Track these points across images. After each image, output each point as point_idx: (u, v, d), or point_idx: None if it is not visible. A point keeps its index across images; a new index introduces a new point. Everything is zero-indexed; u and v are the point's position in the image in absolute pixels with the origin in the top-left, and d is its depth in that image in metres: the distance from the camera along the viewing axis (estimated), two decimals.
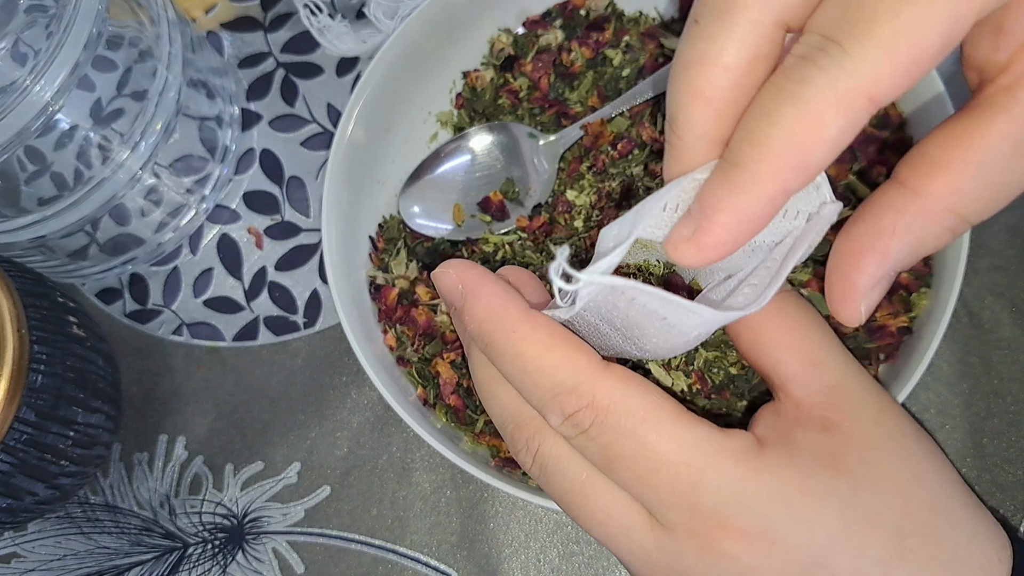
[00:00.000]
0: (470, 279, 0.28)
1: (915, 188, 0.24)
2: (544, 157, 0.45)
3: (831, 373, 0.28)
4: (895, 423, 0.29)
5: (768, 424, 0.28)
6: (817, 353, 0.28)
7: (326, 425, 0.47)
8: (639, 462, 0.26)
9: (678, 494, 0.26)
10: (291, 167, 0.52)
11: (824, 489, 0.26)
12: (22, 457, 0.39)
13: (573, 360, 0.26)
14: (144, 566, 0.46)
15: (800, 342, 0.28)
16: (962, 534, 0.27)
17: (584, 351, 0.27)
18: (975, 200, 0.24)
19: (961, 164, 0.24)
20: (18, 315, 0.38)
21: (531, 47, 0.47)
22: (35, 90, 0.38)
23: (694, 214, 0.23)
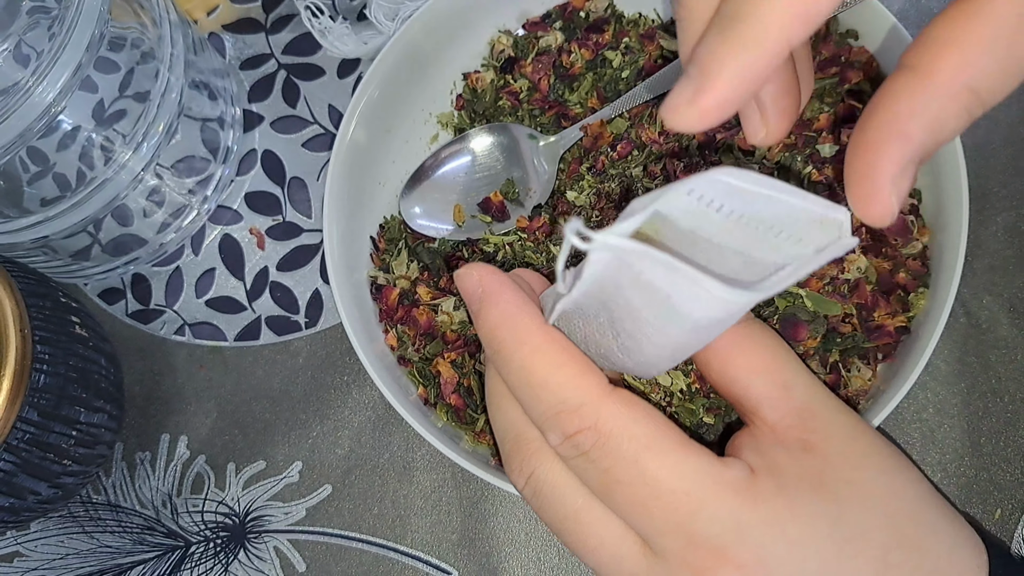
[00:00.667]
0: (490, 284, 0.28)
1: (926, 70, 0.23)
2: (544, 158, 0.45)
3: (800, 395, 0.28)
4: (867, 440, 0.29)
5: (751, 449, 0.28)
6: (786, 375, 0.28)
7: (327, 424, 0.47)
8: (638, 488, 0.26)
9: (674, 524, 0.26)
10: (293, 168, 0.52)
11: (813, 512, 0.26)
12: (25, 456, 0.39)
13: (580, 380, 0.26)
14: (146, 565, 0.47)
15: (769, 366, 0.28)
16: (942, 544, 0.27)
17: (592, 372, 0.27)
18: (988, 75, 0.23)
19: (969, 40, 0.22)
20: (21, 315, 0.38)
21: (531, 49, 0.47)
22: (38, 91, 0.39)
23: (693, 75, 0.22)
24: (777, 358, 0.29)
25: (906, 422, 0.42)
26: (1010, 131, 0.46)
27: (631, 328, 0.26)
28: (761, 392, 0.28)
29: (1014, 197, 0.45)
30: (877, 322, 0.39)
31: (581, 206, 0.43)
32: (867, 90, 0.42)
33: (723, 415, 0.39)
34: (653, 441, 0.26)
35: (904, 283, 0.40)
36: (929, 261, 0.40)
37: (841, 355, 0.40)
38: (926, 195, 0.41)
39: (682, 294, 0.23)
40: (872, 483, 0.27)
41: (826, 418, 0.28)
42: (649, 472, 0.25)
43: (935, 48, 0.23)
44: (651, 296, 0.23)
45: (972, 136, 0.45)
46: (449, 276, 0.44)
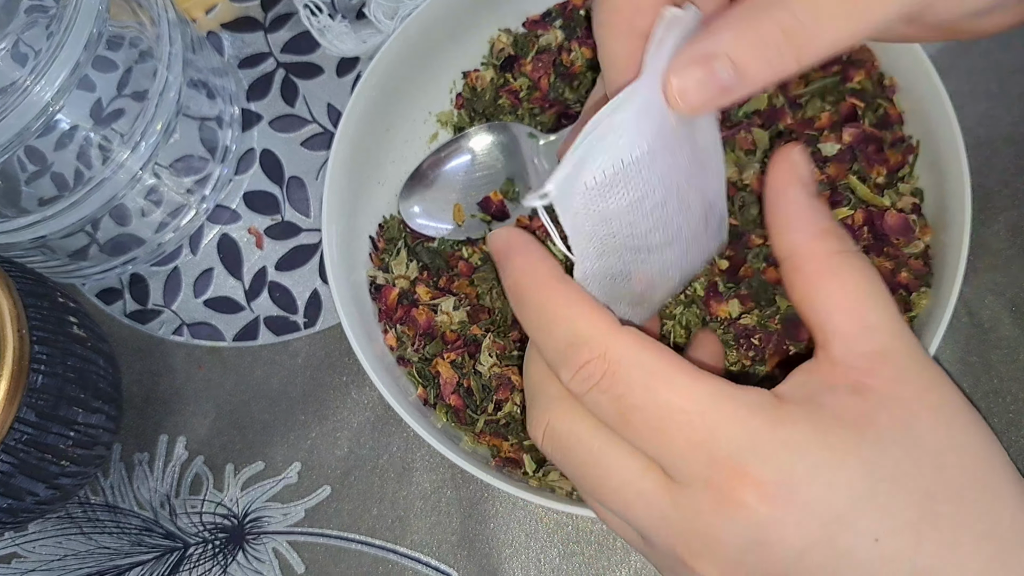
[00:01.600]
0: (516, 239, 0.29)
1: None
2: (544, 157, 0.45)
3: (880, 339, 0.26)
4: (943, 395, 0.26)
5: (795, 383, 0.27)
6: (873, 316, 0.26)
7: (326, 425, 0.47)
8: (652, 411, 0.25)
9: (694, 444, 0.25)
10: (291, 167, 0.52)
11: (846, 447, 0.24)
12: (23, 457, 0.39)
13: (591, 315, 0.26)
14: (144, 566, 0.46)
15: (856, 302, 0.26)
16: (1006, 510, 0.25)
17: (602, 311, 0.27)
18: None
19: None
20: (19, 315, 0.38)
21: (531, 47, 0.47)
22: (35, 90, 0.38)
23: (725, 70, 0.24)
24: (870, 296, 0.26)
25: None
26: (1013, 130, 0.45)
27: (634, 221, 0.27)
28: (839, 327, 0.26)
29: (1017, 196, 0.44)
30: None
31: None
32: (869, 89, 0.42)
33: None
34: (662, 368, 0.25)
35: (906, 283, 0.40)
36: (931, 260, 0.40)
37: None
38: (928, 194, 0.41)
39: (645, 130, 0.24)
40: (932, 433, 0.25)
41: (900, 366, 0.26)
42: (661, 394, 0.25)
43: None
44: (614, 182, 0.25)
45: (975, 135, 0.45)
46: (449, 276, 0.44)
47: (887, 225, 0.40)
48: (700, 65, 0.24)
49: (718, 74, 0.24)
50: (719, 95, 0.24)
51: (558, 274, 0.28)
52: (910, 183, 0.41)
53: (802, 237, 0.26)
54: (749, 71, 0.23)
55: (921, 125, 0.41)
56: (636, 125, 0.24)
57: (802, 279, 0.27)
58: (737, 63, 0.23)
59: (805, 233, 0.26)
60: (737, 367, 0.39)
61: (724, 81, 0.24)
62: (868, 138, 0.41)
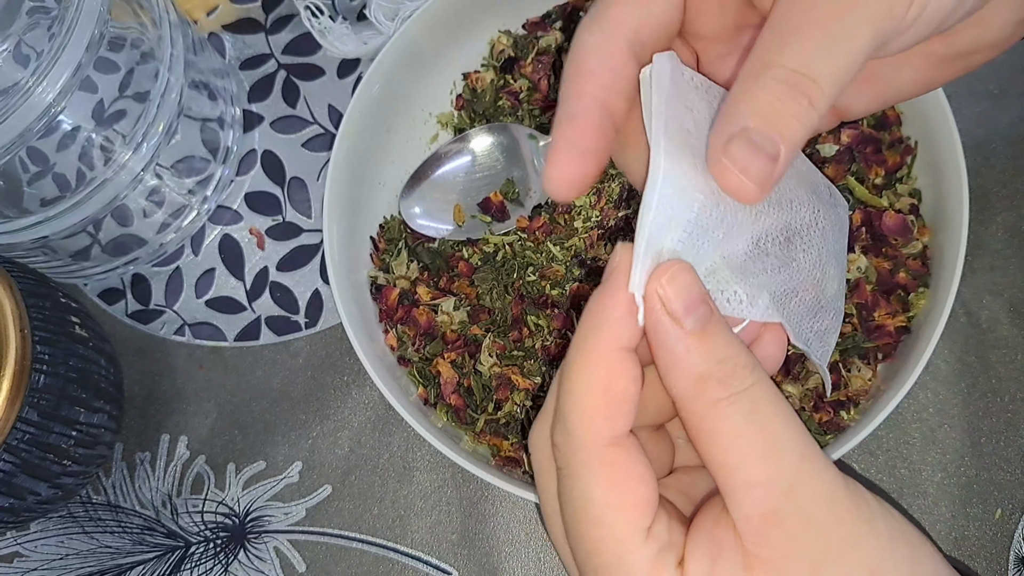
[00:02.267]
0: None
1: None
2: (544, 158, 0.45)
3: (770, 499, 0.22)
4: (849, 562, 0.23)
5: (697, 561, 0.24)
6: (756, 472, 0.22)
7: (327, 425, 0.47)
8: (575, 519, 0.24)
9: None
10: (292, 168, 0.52)
11: None
12: (24, 457, 0.39)
13: (622, 510, 0.23)
14: (146, 565, 0.47)
15: (738, 460, 0.22)
16: None
17: (637, 508, 0.23)
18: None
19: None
20: (21, 315, 0.38)
21: (531, 48, 0.47)
22: (37, 91, 0.39)
23: (760, 142, 0.22)
24: (755, 449, 0.22)
25: (906, 422, 0.42)
26: (1010, 131, 0.46)
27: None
28: (725, 486, 0.23)
29: (1015, 196, 0.45)
30: (877, 322, 0.39)
31: (581, 206, 0.43)
32: (892, 100, 0.42)
33: None
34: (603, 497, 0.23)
35: (904, 283, 0.40)
36: (929, 261, 0.40)
37: (841, 355, 0.40)
38: (926, 195, 0.41)
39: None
40: None
41: (792, 531, 0.22)
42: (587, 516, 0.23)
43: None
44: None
45: (972, 136, 0.45)
46: (449, 276, 0.44)
47: (885, 225, 0.40)
48: (740, 140, 0.22)
49: (761, 146, 0.22)
50: (772, 165, 0.23)
51: (618, 433, 0.23)
52: (908, 184, 0.42)
53: (680, 386, 0.23)
54: (783, 132, 0.23)
55: (919, 126, 0.41)
56: (678, 196, 0.23)
57: (688, 430, 0.23)
58: (767, 129, 0.22)
59: (683, 381, 0.22)
60: None
61: (769, 150, 0.22)
62: (866, 139, 0.42)
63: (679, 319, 0.22)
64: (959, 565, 0.41)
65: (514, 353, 0.42)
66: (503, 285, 0.43)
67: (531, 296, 0.42)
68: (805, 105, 0.22)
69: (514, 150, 0.46)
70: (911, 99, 0.36)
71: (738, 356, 0.22)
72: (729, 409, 0.22)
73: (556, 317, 0.42)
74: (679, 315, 0.22)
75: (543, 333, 0.42)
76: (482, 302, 0.43)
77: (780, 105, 0.22)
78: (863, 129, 0.42)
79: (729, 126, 0.23)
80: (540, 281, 0.43)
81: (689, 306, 0.22)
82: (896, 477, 0.42)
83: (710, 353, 0.22)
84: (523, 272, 0.43)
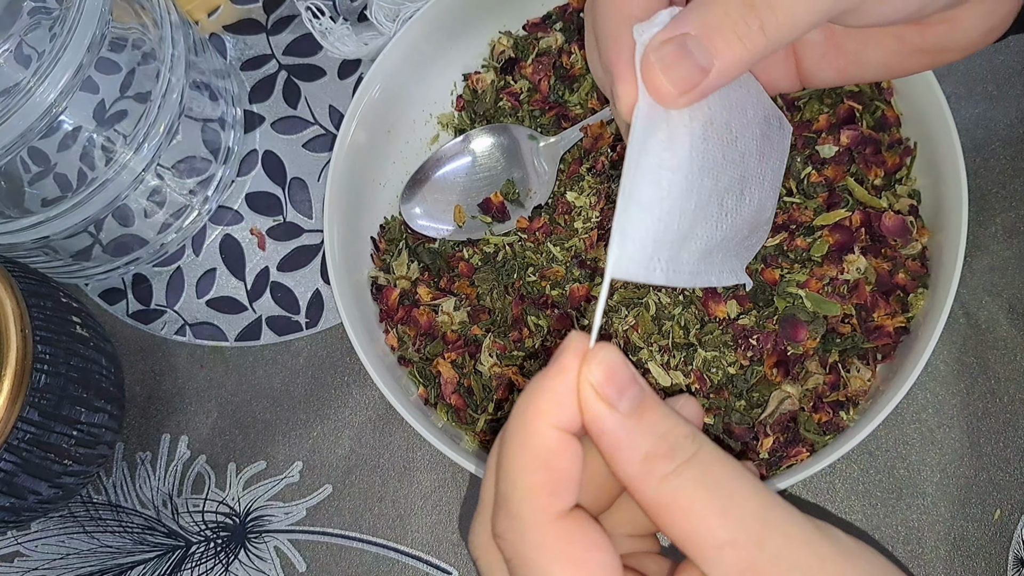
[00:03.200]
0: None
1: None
2: (544, 159, 0.45)
3: (742, 554, 0.22)
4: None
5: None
6: (720, 533, 0.22)
7: (328, 424, 0.47)
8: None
9: None
10: (293, 168, 0.52)
11: None
12: (25, 456, 0.39)
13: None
14: (147, 565, 0.47)
15: (699, 526, 0.22)
16: None
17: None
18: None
19: None
20: (22, 315, 0.38)
21: (531, 50, 0.47)
22: (39, 92, 0.39)
23: (699, 54, 0.23)
24: (715, 511, 0.22)
25: (905, 422, 0.42)
26: (1009, 132, 0.46)
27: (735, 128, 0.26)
28: (694, 553, 0.22)
29: (1013, 198, 0.45)
30: (876, 322, 0.40)
31: (581, 206, 0.43)
32: (866, 91, 0.42)
33: (723, 415, 0.39)
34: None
35: (903, 283, 0.40)
36: (928, 262, 0.40)
37: (840, 355, 0.40)
38: (925, 196, 0.41)
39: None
40: None
41: (776, 575, 0.22)
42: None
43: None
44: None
45: (971, 137, 0.45)
46: (449, 277, 0.44)
47: (885, 226, 0.40)
48: (672, 46, 0.23)
49: (693, 52, 0.23)
50: (699, 76, 0.23)
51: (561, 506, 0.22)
52: (907, 185, 0.42)
53: (627, 469, 0.22)
54: (720, 46, 0.23)
55: (918, 127, 0.41)
56: (659, 140, 0.24)
57: (645, 510, 0.23)
58: (706, 39, 0.23)
59: (629, 464, 0.22)
60: (735, 367, 0.39)
61: (700, 60, 0.23)
62: (866, 140, 0.42)
63: (614, 403, 0.22)
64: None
65: (514, 353, 0.42)
66: (503, 285, 0.43)
67: (531, 296, 0.43)
68: (755, 29, 0.23)
69: (514, 151, 0.46)
70: (872, 82, 0.36)
71: (677, 427, 0.22)
72: (679, 480, 0.21)
73: (556, 317, 0.42)
74: (613, 399, 0.22)
75: (543, 333, 0.42)
76: (482, 302, 0.43)
77: (728, 21, 0.23)
78: (862, 130, 0.42)
79: (670, 30, 0.23)
80: (540, 281, 0.43)
81: (622, 388, 0.22)
82: (895, 477, 0.42)
83: (650, 431, 0.22)
84: (523, 272, 0.43)
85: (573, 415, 0.22)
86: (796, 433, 0.39)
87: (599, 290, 0.23)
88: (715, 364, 0.40)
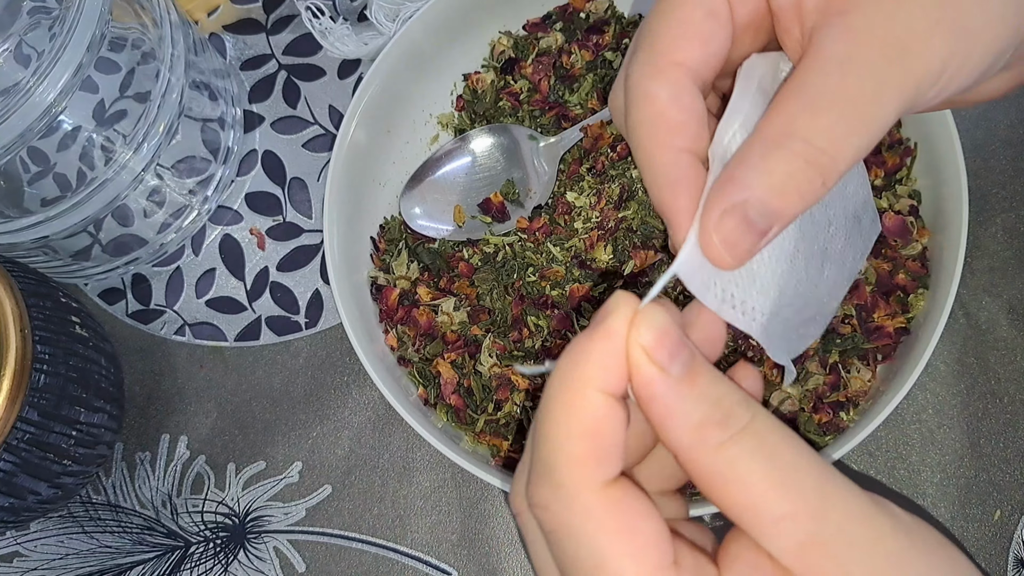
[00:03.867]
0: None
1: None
2: (544, 159, 0.45)
3: (802, 526, 0.21)
4: (899, 571, 0.22)
5: (738, 569, 0.22)
6: (780, 506, 0.21)
7: (327, 425, 0.47)
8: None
9: None
10: (293, 168, 0.52)
11: None
12: (25, 456, 0.39)
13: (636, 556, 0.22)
14: (146, 565, 0.47)
15: (757, 499, 0.21)
16: None
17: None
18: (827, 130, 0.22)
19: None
20: (21, 315, 0.38)
21: (531, 50, 0.47)
22: (38, 91, 0.39)
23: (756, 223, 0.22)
24: (773, 481, 0.21)
25: (905, 423, 0.42)
26: (1010, 133, 0.46)
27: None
28: (752, 526, 0.21)
29: (1014, 198, 0.45)
30: (876, 323, 0.40)
31: (581, 207, 0.43)
32: None
33: None
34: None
35: (903, 284, 0.40)
36: (928, 262, 0.40)
37: (841, 356, 0.40)
38: (926, 196, 0.41)
39: None
40: None
41: (834, 551, 0.21)
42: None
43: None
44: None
45: (972, 138, 0.45)
46: (449, 277, 0.44)
47: (885, 227, 0.40)
48: (733, 218, 0.22)
49: (753, 221, 0.22)
50: (758, 240, 0.22)
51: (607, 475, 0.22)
52: (908, 185, 0.42)
53: (680, 437, 0.21)
54: (783, 210, 0.22)
55: (919, 127, 0.41)
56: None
57: (697, 480, 0.22)
58: (767, 204, 0.22)
59: (681, 432, 0.21)
60: None
61: (760, 226, 0.22)
62: None
63: (665, 368, 0.21)
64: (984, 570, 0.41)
65: (514, 353, 0.42)
66: (503, 285, 0.43)
67: (531, 296, 0.43)
68: (817, 185, 0.22)
69: (514, 151, 0.46)
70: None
71: (730, 393, 0.21)
72: (735, 450, 0.21)
73: (556, 317, 0.42)
74: (665, 363, 0.21)
75: (543, 333, 0.42)
76: (482, 302, 0.43)
77: (791, 182, 0.22)
78: None
79: (730, 194, 0.22)
80: (540, 282, 0.43)
81: (673, 352, 0.21)
82: (895, 478, 0.42)
83: (703, 396, 0.21)
84: (523, 273, 0.43)
85: (620, 379, 0.21)
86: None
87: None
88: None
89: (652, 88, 0.24)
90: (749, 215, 0.22)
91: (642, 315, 0.21)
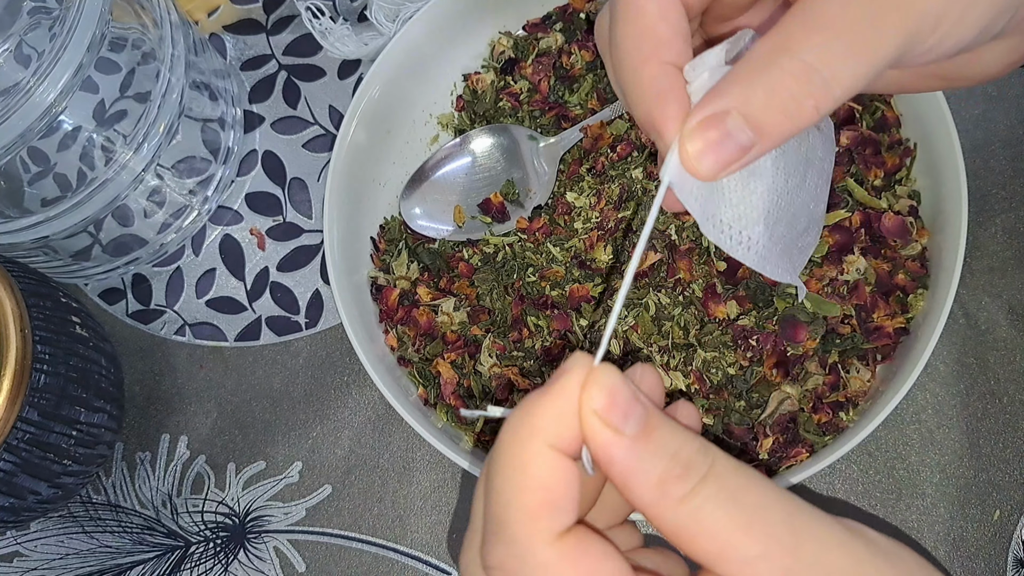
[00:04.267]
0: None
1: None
2: (544, 159, 0.45)
3: (777, 562, 0.21)
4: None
5: None
6: (751, 547, 0.21)
7: (327, 424, 0.47)
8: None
9: None
10: (293, 168, 0.52)
11: None
12: (25, 456, 0.39)
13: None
14: (146, 565, 0.47)
15: (725, 546, 0.21)
16: None
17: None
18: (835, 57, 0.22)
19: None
20: (21, 315, 0.38)
21: (531, 50, 0.47)
22: (39, 91, 0.39)
23: (739, 131, 0.22)
24: (740, 526, 0.21)
25: (905, 423, 0.42)
26: (1009, 133, 0.46)
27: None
28: (725, 572, 0.21)
29: (1013, 199, 0.45)
30: (876, 323, 0.40)
31: (581, 207, 0.43)
32: (865, 92, 0.42)
33: (722, 415, 0.39)
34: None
35: (903, 284, 0.40)
36: (928, 262, 0.40)
37: (840, 356, 0.40)
38: (925, 197, 0.41)
39: None
40: None
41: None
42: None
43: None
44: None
45: (971, 138, 0.45)
46: (449, 277, 0.44)
47: (884, 227, 0.40)
48: (712, 126, 0.22)
49: (733, 133, 0.22)
50: (738, 154, 0.22)
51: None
52: (907, 185, 0.42)
53: (642, 495, 0.21)
54: (766, 125, 0.22)
55: (918, 128, 0.41)
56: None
57: (665, 535, 0.22)
58: (751, 118, 0.22)
59: (644, 490, 0.21)
60: (735, 368, 0.39)
61: (741, 139, 0.22)
62: (866, 141, 0.42)
63: (620, 429, 0.20)
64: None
65: (514, 353, 0.42)
66: (503, 286, 0.43)
67: (531, 297, 0.43)
68: (808, 107, 0.22)
69: (514, 151, 0.46)
70: (881, 93, 0.35)
71: (687, 442, 0.21)
72: (697, 500, 0.20)
73: (556, 318, 0.42)
74: (619, 425, 0.20)
75: (543, 333, 0.42)
76: (482, 303, 0.43)
77: (776, 100, 0.22)
78: (862, 131, 0.42)
79: (713, 103, 0.22)
80: (540, 282, 0.43)
81: (626, 411, 0.21)
82: (894, 478, 0.42)
83: (660, 451, 0.21)
84: (523, 273, 0.43)
85: (571, 437, 0.21)
86: (796, 434, 0.39)
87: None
88: (715, 365, 0.40)
89: (641, 1, 0.24)
90: (728, 127, 0.22)
91: (593, 377, 0.21)
